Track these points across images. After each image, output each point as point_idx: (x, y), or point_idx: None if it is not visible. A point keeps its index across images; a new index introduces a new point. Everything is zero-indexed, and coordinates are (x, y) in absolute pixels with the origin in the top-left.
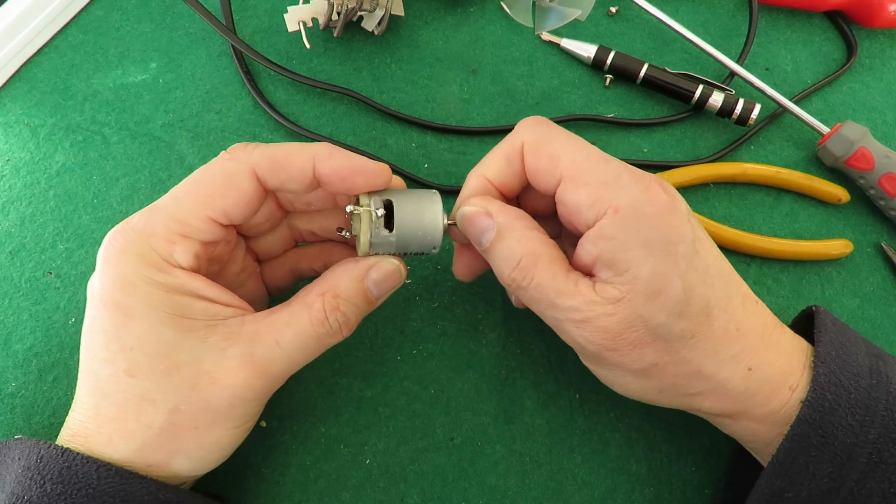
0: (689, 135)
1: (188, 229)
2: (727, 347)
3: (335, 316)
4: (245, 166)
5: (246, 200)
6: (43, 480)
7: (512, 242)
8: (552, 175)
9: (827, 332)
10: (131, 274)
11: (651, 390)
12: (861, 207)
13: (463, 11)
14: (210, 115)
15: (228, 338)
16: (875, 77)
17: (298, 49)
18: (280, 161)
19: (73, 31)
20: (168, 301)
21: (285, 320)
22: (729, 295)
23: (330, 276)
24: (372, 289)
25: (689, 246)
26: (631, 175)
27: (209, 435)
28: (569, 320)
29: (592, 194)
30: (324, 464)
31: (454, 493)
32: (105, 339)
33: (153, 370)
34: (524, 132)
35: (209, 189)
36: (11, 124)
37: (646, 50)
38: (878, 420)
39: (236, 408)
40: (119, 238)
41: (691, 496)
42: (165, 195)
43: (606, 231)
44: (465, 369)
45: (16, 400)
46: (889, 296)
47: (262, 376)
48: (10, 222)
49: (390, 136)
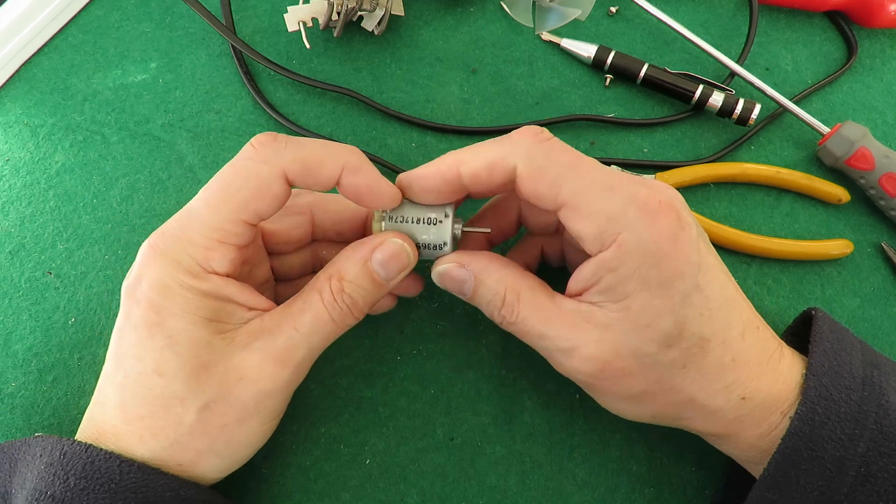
0: (689, 135)
1: (225, 235)
2: (721, 378)
3: (342, 298)
4: (276, 170)
5: (278, 203)
6: (66, 476)
7: (491, 284)
8: (553, 201)
9: (822, 341)
10: (168, 278)
11: (644, 415)
12: (861, 207)
13: (463, 11)
14: (210, 115)
15: (252, 334)
16: (875, 77)
17: (298, 49)
18: (311, 168)
19: (73, 31)
20: (202, 305)
21: (300, 307)
22: (729, 325)
23: (337, 259)
24: (378, 270)
25: (690, 281)
26: (638, 208)
27: (238, 432)
28: (557, 350)
29: (596, 228)
30: (324, 464)
31: (454, 493)
32: (137, 337)
33: (182, 370)
34: (519, 154)
35: (243, 194)
36: (11, 124)
37: (646, 50)
38: (867, 434)
39: (263, 402)
40: (159, 242)
41: (691, 496)
42: (197, 198)
43: (608, 263)
44: (465, 369)
45: (16, 400)
46: (889, 296)
47: (286, 366)
48: (9, 222)
49: (390, 136)
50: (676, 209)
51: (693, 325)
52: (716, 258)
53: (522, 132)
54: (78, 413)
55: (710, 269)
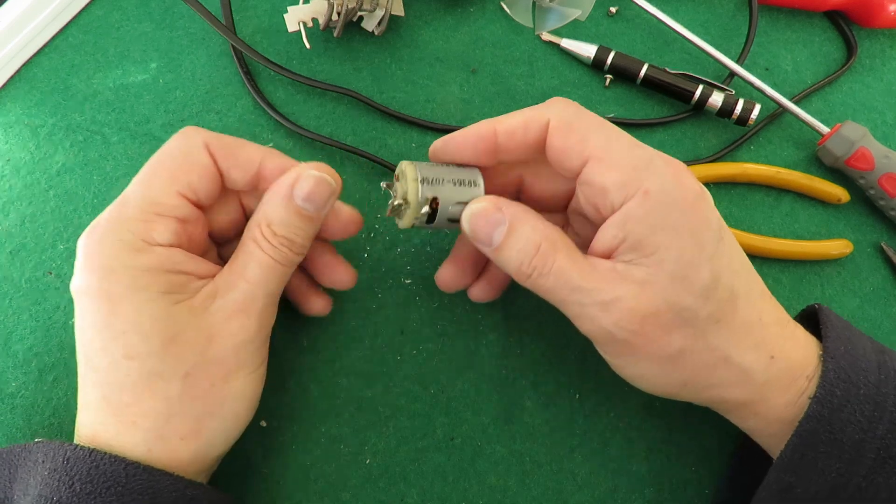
0: (689, 135)
1: (162, 208)
2: (751, 335)
3: (278, 241)
4: (198, 141)
5: (208, 174)
6: (71, 481)
7: (527, 230)
8: (579, 155)
9: (834, 327)
10: (111, 261)
11: (675, 383)
12: (861, 207)
13: (463, 11)
14: (210, 115)
15: (207, 297)
16: (875, 77)
17: (298, 49)
18: (230, 146)
19: (73, 31)
20: (152, 280)
21: (243, 260)
22: (751, 284)
23: (262, 203)
24: (304, 206)
25: (717, 234)
26: (663, 160)
27: (228, 388)
28: (594, 303)
29: (623, 176)
30: (324, 464)
31: (454, 493)
32: (96, 330)
33: (151, 348)
34: (553, 110)
35: (171, 166)
36: (11, 124)
37: (646, 50)
38: (886, 416)
39: (241, 353)
40: (94, 232)
41: (691, 496)
42: (128, 187)
43: (635, 213)
44: (465, 369)
45: (16, 400)
46: (889, 296)
47: (250, 315)
48: (10, 222)
49: (390, 136)
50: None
51: (726, 277)
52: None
53: (554, 99)
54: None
55: (729, 232)
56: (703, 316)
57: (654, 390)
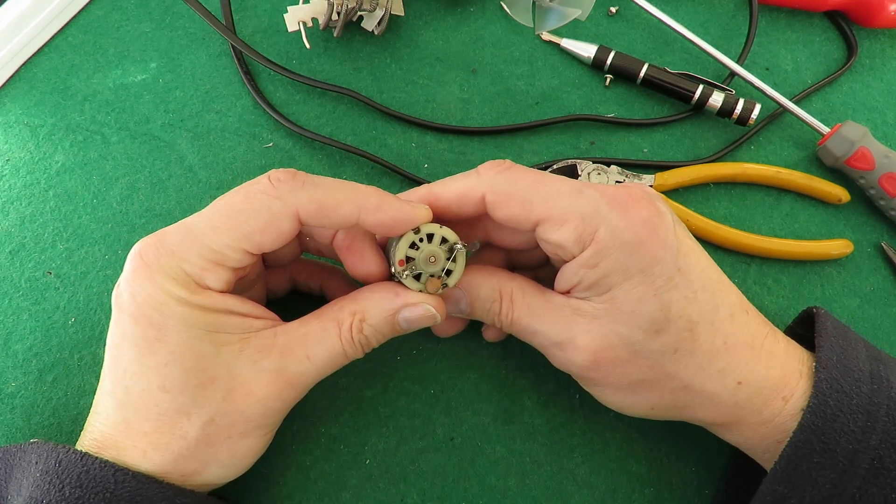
0: (689, 135)
1: (222, 259)
2: (714, 362)
3: (359, 338)
4: (290, 208)
5: (284, 240)
6: (62, 484)
7: (485, 293)
8: (526, 220)
9: (828, 336)
10: (162, 293)
11: (643, 406)
12: (861, 207)
13: (463, 11)
14: (210, 115)
15: (261, 350)
16: (875, 77)
17: (298, 49)
18: (326, 211)
19: (73, 31)
20: (202, 319)
21: (317, 336)
22: (715, 307)
23: (364, 298)
24: (402, 323)
25: (670, 265)
26: (608, 202)
27: (242, 444)
28: (552, 344)
29: (574, 232)
30: (324, 464)
31: (454, 493)
32: (137, 353)
33: (188, 384)
34: (485, 182)
35: (250, 225)
36: (11, 124)
37: (646, 50)
38: (879, 426)
39: (268, 417)
40: (150, 254)
41: (691, 496)
42: (201, 215)
43: (587, 261)
44: (465, 369)
45: (16, 400)
46: (889, 296)
47: (293, 388)
48: (9, 222)
49: (390, 136)
50: (648, 199)
51: (678, 308)
52: (695, 243)
53: (486, 165)
54: (78, 413)
55: (690, 253)
56: (656, 348)
57: (627, 413)
